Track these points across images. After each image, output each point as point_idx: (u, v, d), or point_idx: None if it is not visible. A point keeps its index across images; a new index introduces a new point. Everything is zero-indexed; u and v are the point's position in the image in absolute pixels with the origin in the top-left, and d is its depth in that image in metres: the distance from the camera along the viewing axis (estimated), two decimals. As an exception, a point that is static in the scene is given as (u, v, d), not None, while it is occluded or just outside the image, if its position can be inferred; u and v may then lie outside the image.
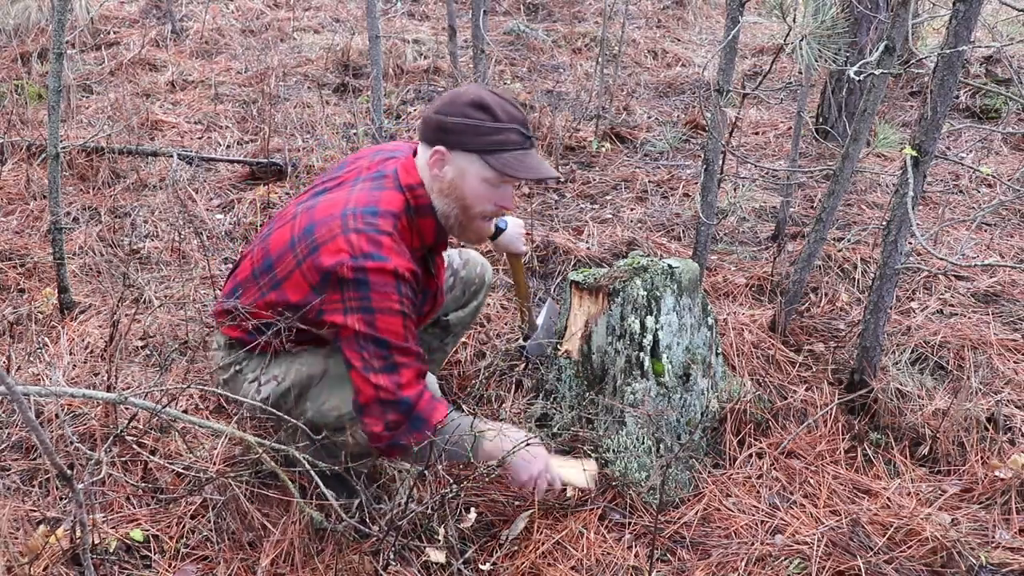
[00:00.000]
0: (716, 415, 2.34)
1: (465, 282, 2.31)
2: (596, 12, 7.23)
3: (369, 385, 1.74)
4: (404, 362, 1.75)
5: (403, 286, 1.75)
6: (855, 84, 4.51)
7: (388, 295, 1.73)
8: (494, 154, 1.78)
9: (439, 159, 1.81)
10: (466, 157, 1.79)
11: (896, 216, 2.29)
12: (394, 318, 1.74)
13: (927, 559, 1.94)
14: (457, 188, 1.82)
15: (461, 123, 1.77)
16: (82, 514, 1.37)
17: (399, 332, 1.75)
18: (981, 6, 2.06)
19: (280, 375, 1.93)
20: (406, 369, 1.75)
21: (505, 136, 1.78)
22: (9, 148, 3.94)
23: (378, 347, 1.73)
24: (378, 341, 1.73)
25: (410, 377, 1.76)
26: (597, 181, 4.16)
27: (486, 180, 1.80)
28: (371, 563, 1.85)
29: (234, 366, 1.99)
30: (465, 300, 2.32)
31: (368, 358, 1.73)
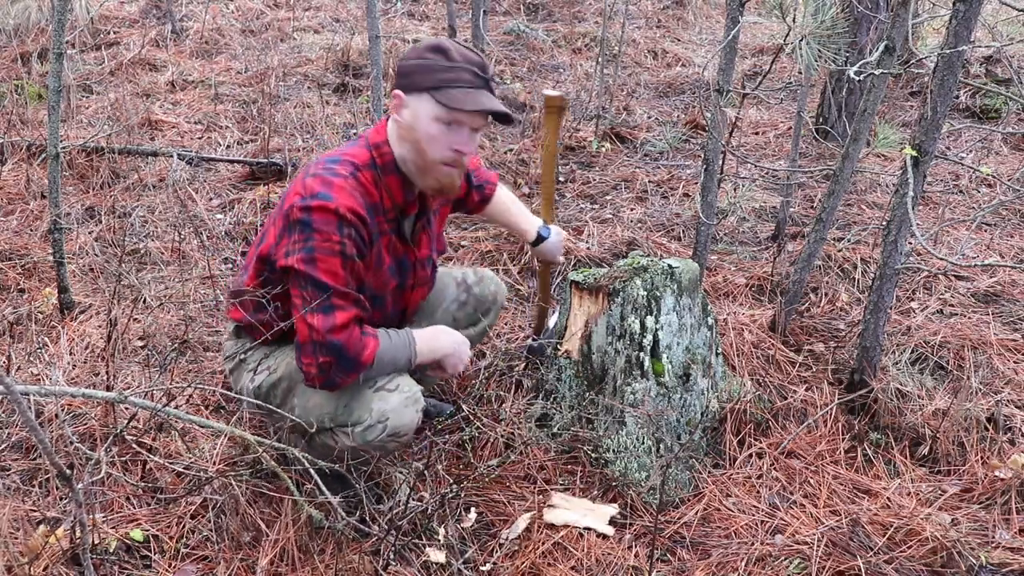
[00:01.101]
0: (716, 415, 2.34)
1: (478, 299, 2.31)
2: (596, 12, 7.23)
3: (305, 325, 1.78)
4: (340, 304, 1.78)
5: (346, 227, 1.76)
6: (855, 84, 4.51)
7: (329, 235, 1.75)
8: (442, 90, 1.78)
9: (398, 104, 1.83)
10: (418, 97, 1.80)
11: (896, 216, 2.29)
12: (334, 259, 1.76)
13: (927, 559, 1.94)
14: (412, 130, 1.83)
15: (415, 63, 1.79)
16: (82, 514, 1.37)
17: (338, 274, 1.77)
18: (981, 6, 2.06)
19: (274, 366, 1.96)
20: (341, 312, 1.78)
21: (456, 74, 1.78)
22: (9, 148, 3.94)
23: (316, 288, 1.76)
24: (316, 282, 1.76)
25: (344, 319, 1.78)
26: (597, 181, 4.16)
27: (438, 119, 1.80)
28: (371, 563, 1.85)
29: (238, 355, 2.02)
30: (475, 319, 2.32)
31: (307, 298, 1.78)
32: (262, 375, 1.97)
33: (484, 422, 2.36)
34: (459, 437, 2.35)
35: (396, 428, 1.84)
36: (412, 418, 1.87)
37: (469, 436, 2.34)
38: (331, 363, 1.78)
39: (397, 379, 1.89)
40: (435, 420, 2.42)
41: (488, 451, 2.29)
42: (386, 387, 1.88)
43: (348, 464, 1.80)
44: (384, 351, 1.85)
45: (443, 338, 2.00)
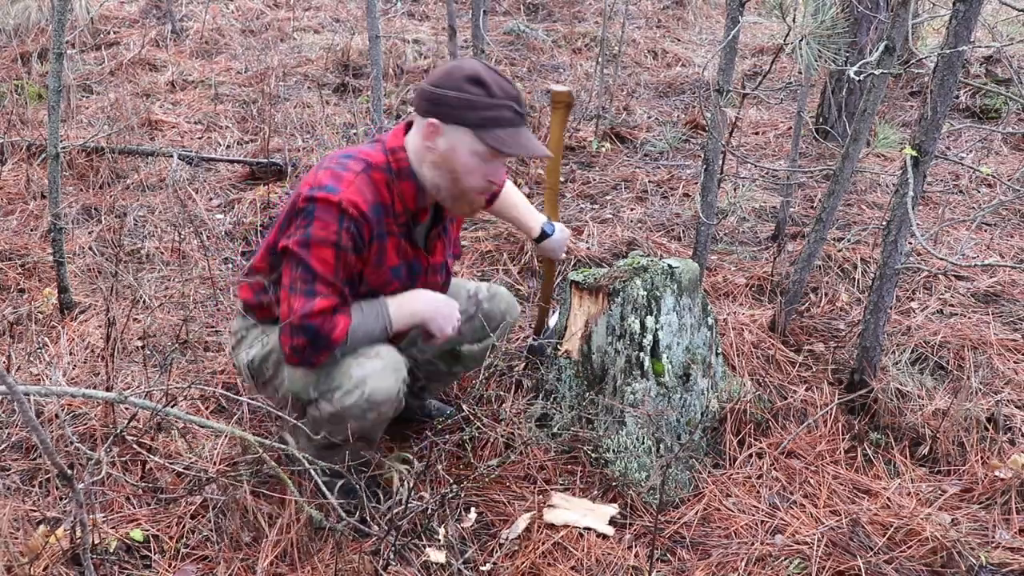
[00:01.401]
0: (716, 415, 2.34)
1: (487, 315, 2.28)
2: (596, 12, 7.23)
3: (287, 305, 1.83)
4: (323, 292, 1.82)
5: (346, 220, 1.79)
6: (855, 84, 4.51)
7: (327, 225, 1.78)
8: (487, 129, 1.80)
9: (432, 131, 1.83)
10: (459, 131, 1.81)
11: (896, 216, 2.29)
12: (327, 249, 1.80)
13: (927, 559, 1.94)
14: (449, 160, 1.84)
15: (456, 97, 1.79)
16: (82, 514, 1.37)
17: (328, 262, 1.80)
18: (981, 6, 2.06)
19: (267, 340, 1.99)
20: (323, 299, 1.81)
21: (499, 112, 1.80)
22: (9, 148, 3.94)
23: (305, 272, 1.81)
24: (306, 266, 1.80)
25: (323, 307, 1.82)
26: (597, 181, 4.16)
27: (477, 154, 1.83)
28: (371, 563, 1.85)
29: (241, 332, 2.06)
30: (483, 334, 2.29)
31: (294, 279, 1.82)
32: (255, 348, 2.00)
33: (484, 422, 2.36)
34: (459, 437, 2.35)
35: (373, 394, 1.85)
36: (391, 385, 1.87)
37: (469, 436, 2.33)
38: (304, 345, 1.83)
39: (379, 348, 1.92)
40: (436, 420, 2.43)
41: (488, 451, 2.29)
42: (366, 354, 1.90)
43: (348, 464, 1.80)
44: (357, 326, 1.88)
45: (420, 299, 1.98)
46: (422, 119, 1.85)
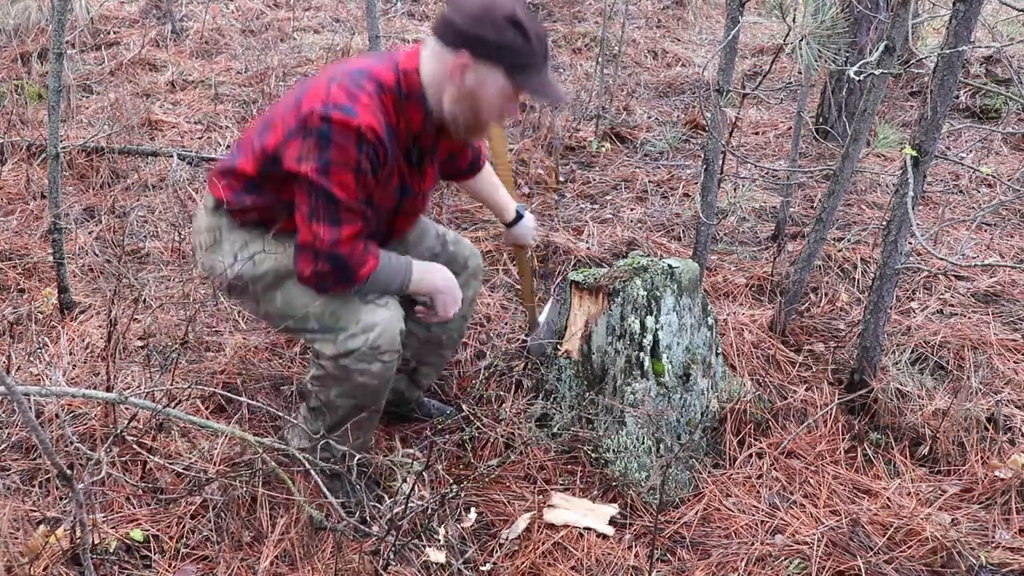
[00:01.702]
0: (716, 415, 2.34)
1: (452, 256, 2.30)
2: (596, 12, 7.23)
3: (309, 231, 1.82)
4: (348, 218, 1.82)
5: (365, 145, 1.78)
6: (855, 84, 4.51)
7: (346, 150, 1.76)
8: (521, 73, 1.81)
9: (463, 65, 1.81)
10: (491, 70, 1.81)
11: (896, 216, 2.29)
12: (348, 174, 1.78)
13: (927, 559, 1.94)
14: (474, 95, 1.84)
15: (496, 38, 1.78)
16: (82, 514, 1.37)
17: (351, 188, 1.80)
18: (981, 6, 2.06)
19: (258, 260, 1.96)
20: (348, 225, 1.82)
21: (533, 59, 1.81)
22: (9, 148, 3.94)
23: (327, 200, 1.79)
24: (328, 194, 1.79)
25: (350, 234, 1.83)
26: (597, 181, 4.16)
27: (504, 93, 1.84)
28: (371, 563, 1.85)
29: (216, 231, 2.00)
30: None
31: (314, 206, 1.80)
32: (242, 264, 1.96)
33: (484, 422, 2.36)
34: (459, 437, 2.35)
35: (378, 342, 1.88)
36: (394, 336, 1.92)
37: (469, 436, 2.34)
38: (329, 273, 1.85)
39: (387, 298, 1.94)
40: (436, 420, 2.43)
41: (488, 451, 2.29)
42: (376, 301, 1.92)
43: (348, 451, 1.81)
44: (381, 270, 1.91)
45: (438, 273, 2.04)
46: (445, 48, 1.82)
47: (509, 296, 3.11)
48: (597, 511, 2.08)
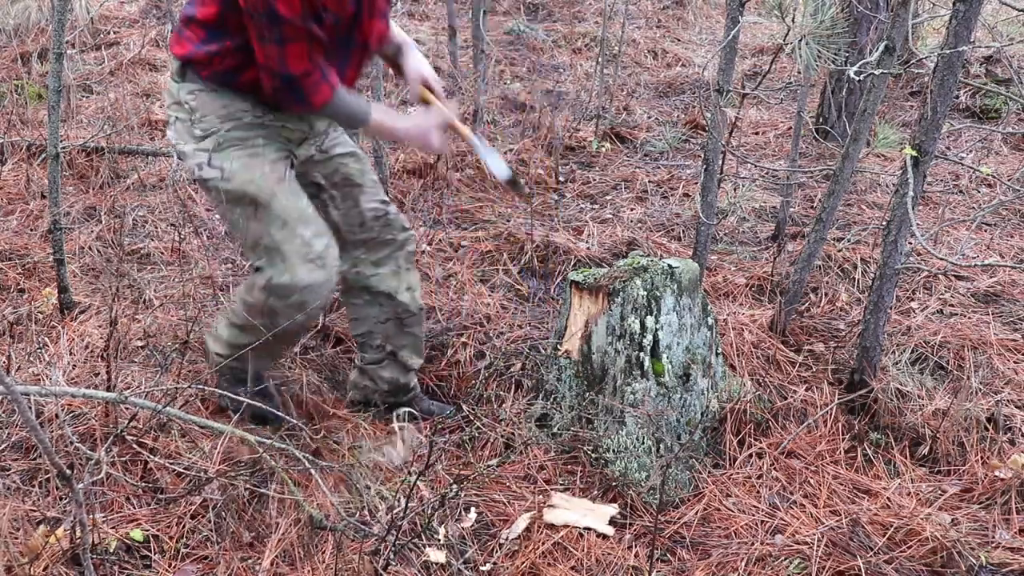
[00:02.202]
0: (716, 415, 2.34)
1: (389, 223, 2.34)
2: (596, 12, 7.23)
3: (261, 52, 1.89)
4: (291, 36, 1.86)
5: None
6: (855, 84, 4.51)
7: None
8: None
9: None
10: None
11: (896, 216, 2.29)
12: None
13: (927, 559, 1.94)
14: None
15: None
16: (82, 514, 1.37)
17: (296, 8, 1.83)
18: (981, 6, 2.06)
19: (228, 170, 2.02)
20: (292, 44, 1.87)
21: None
22: (9, 148, 3.94)
23: (269, 20, 1.84)
24: (270, 15, 1.83)
25: (297, 53, 1.89)
26: (597, 181, 4.16)
27: None
28: (371, 563, 1.85)
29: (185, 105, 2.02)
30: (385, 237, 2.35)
31: (259, 28, 1.86)
32: (212, 172, 2.02)
33: (484, 422, 2.36)
34: (459, 437, 2.35)
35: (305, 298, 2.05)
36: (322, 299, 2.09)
37: (469, 436, 2.34)
38: (284, 92, 1.94)
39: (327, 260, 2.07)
40: (436, 419, 2.43)
41: (488, 451, 2.29)
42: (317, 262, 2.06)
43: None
44: (337, 101, 2.00)
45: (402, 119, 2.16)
46: None
47: (509, 296, 3.11)
48: (597, 511, 2.07)
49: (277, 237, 2.03)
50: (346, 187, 2.28)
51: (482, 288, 3.11)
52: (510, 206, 3.79)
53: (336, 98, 2.00)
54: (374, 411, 2.43)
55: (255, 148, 2.03)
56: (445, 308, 2.93)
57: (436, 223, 3.56)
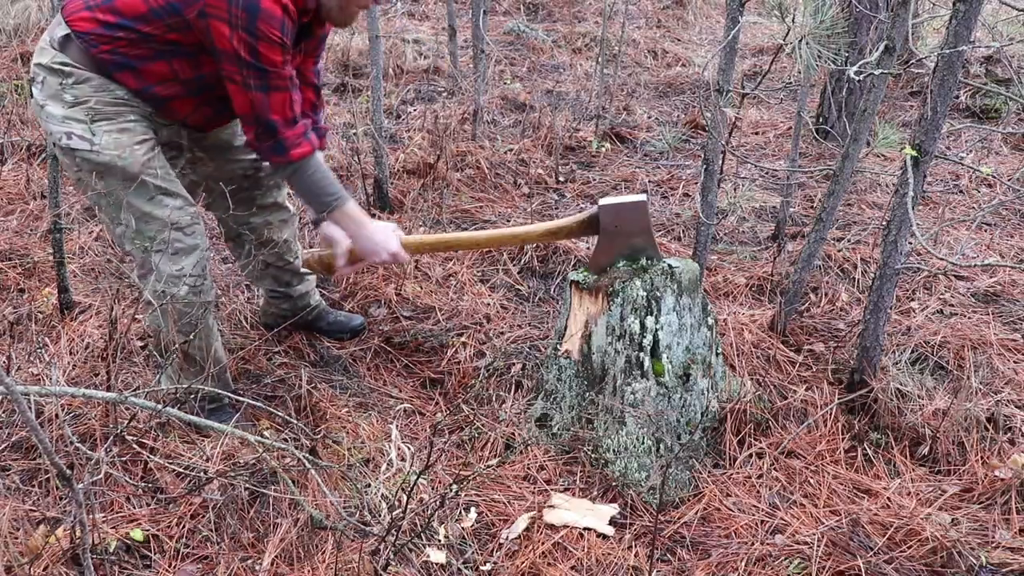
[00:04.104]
0: (716, 415, 2.34)
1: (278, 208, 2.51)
2: (596, 12, 7.23)
3: (246, 99, 1.97)
4: (278, 86, 1.96)
5: (288, 22, 1.92)
6: (855, 84, 4.50)
7: (271, 27, 1.89)
8: None
9: None
10: None
11: (896, 216, 2.29)
12: (274, 48, 1.92)
13: (927, 559, 1.94)
14: None
15: None
16: (82, 514, 1.37)
17: (276, 61, 1.93)
18: (981, 6, 2.06)
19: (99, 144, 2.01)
20: (278, 93, 1.97)
21: None
22: (9, 148, 3.94)
23: (256, 71, 1.93)
24: (257, 67, 1.92)
25: (280, 101, 1.98)
26: (597, 181, 4.16)
27: None
28: (371, 563, 1.85)
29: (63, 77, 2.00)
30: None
31: (246, 76, 1.94)
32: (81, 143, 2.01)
33: (484, 422, 2.36)
34: (459, 437, 2.35)
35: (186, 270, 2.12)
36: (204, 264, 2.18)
37: (469, 436, 2.34)
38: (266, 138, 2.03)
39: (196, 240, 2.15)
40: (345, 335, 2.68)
41: (488, 451, 2.29)
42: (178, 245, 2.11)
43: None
44: (316, 165, 2.09)
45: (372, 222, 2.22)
46: None
47: (509, 296, 3.11)
48: (597, 511, 2.08)
49: (144, 210, 2.06)
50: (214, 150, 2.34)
51: (482, 288, 3.11)
52: (510, 206, 3.79)
53: (315, 159, 2.08)
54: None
55: (126, 124, 2.03)
56: (445, 308, 2.93)
57: (436, 223, 3.56)
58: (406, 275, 3.10)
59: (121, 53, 1.97)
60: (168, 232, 2.08)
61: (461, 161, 4.07)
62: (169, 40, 1.96)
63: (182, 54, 1.99)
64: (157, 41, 1.96)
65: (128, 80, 2.01)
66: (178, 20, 1.92)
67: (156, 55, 1.98)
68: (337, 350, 2.74)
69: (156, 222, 2.08)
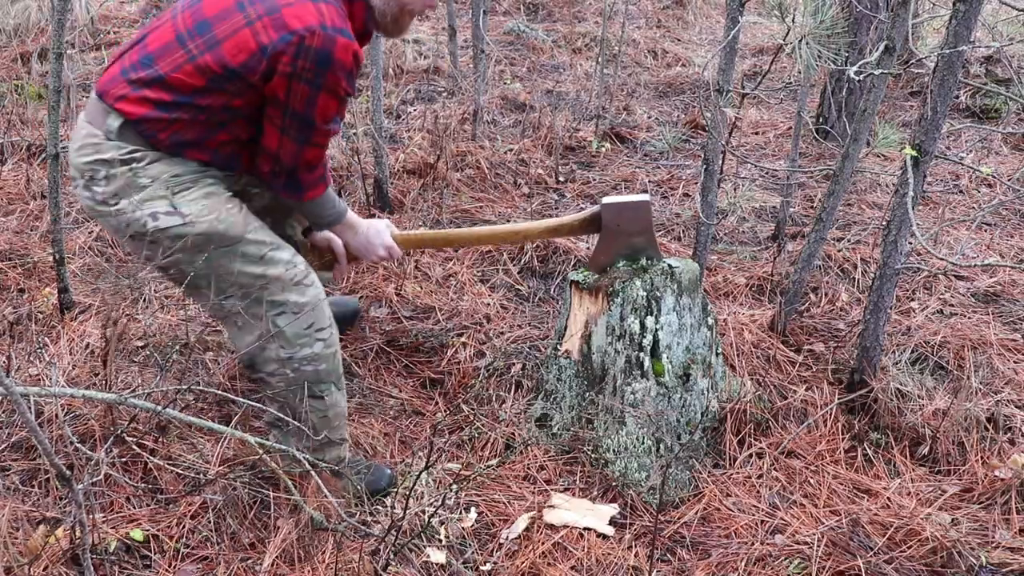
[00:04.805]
0: (716, 415, 2.34)
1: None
2: (596, 12, 7.23)
3: (276, 141, 1.84)
4: (318, 142, 1.87)
5: (355, 72, 1.81)
6: (855, 84, 4.50)
7: (339, 78, 1.77)
8: None
9: None
10: None
11: (896, 216, 2.29)
12: (333, 101, 1.81)
13: (927, 559, 1.94)
14: None
15: None
16: (82, 514, 1.37)
17: (330, 116, 1.83)
18: (981, 6, 2.06)
19: (189, 214, 1.83)
20: (315, 149, 1.88)
21: None
22: (9, 148, 3.94)
23: (304, 124, 1.81)
24: (307, 120, 1.80)
25: (314, 155, 1.89)
26: (597, 181, 4.16)
27: None
28: (371, 563, 1.85)
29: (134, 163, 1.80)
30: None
31: (288, 126, 1.81)
32: (171, 219, 1.82)
33: (484, 422, 2.36)
34: (459, 437, 2.35)
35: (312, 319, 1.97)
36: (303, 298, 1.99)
37: (469, 436, 2.34)
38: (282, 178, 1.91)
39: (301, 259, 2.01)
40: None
41: (488, 451, 2.29)
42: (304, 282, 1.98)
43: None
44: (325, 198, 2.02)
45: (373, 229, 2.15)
46: None
47: (509, 296, 3.11)
48: (597, 511, 2.08)
49: (257, 272, 1.90)
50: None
51: (482, 288, 3.11)
52: (510, 206, 3.79)
53: (325, 194, 2.01)
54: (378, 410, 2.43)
55: (208, 188, 1.88)
56: (445, 308, 2.93)
57: (436, 223, 3.56)
58: (406, 275, 3.09)
59: (182, 136, 1.81)
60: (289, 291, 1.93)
61: (461, 161, 4.07)
62: (230, 107, 1.81)
63: (241, 117, 1.84)
64: (216, 111, 1.80)
65: (196, 155, 1.86)
66: (240, 85, 1.77)
67: (215, 127, 1.83)
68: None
69: (275, 283, 1.91)
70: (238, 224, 1.88)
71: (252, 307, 1.91)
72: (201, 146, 1.85)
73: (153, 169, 1.82)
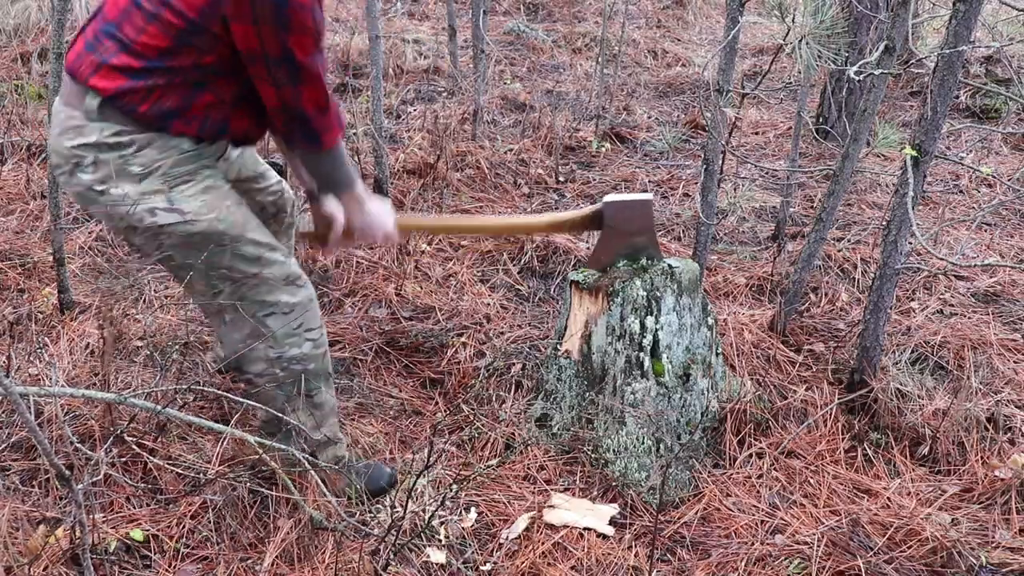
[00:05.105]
0: (716, 415, 2.34)
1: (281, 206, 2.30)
2: (596, 12, 7.23)
3: (274, 94, 1.77)
4: (312, 77, 1.78)
5: (318, 7, 1.74)
6: (855, 84, 4.50)
7: (303, 15, 1.69)
8: None
9: None
10: None
11: (896, 216, 2.29)
12: (307, 38, 1.73)
13: (927, 559, 1.94)
14: None
15: None
16: (82, 514, 1.37)
17: (309, 51, 1.75)
18: (981, 6, 2.06)
19: (189, 211, 1.79)
20: (310, 87, 1.79)
21: None
22: (9, 148, 3.94)
23: (289, 66, 1.74)
24: (290, 61, 1.73)
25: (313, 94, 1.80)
26: (597, 181, 4.16)
27: None
28: (371, 563, 1.85)
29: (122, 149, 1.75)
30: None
31: (274, 73, 1.74)
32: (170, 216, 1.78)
33: (484, 422, 2.36)
34: (459, 437, 2.35)
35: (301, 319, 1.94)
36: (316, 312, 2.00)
37: (469, 436, 2.34)
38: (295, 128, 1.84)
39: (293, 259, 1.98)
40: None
41: (488, 451, 2.29)
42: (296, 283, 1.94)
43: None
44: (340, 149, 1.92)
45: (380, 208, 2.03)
46: None
47: (509, 296, 3.11)
48: (597, 511, 2.08)
49: (252, 271, 1.88)
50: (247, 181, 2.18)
51: (482, 288, 3.11)
52: (510, 206, 3.79)
53: (340, 143, 1.91)
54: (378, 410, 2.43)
55: (206, 181, 1.84)
56: (445, 308, 2.93)
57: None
58: (406, 275, 3.10)
59: (162, 105, 1.74)
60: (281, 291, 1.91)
61: (461, 161, 4.07)
62: (201, 65, 1.74)
63: (218, 75, 1.78)
64: (188, 71, 1.74)
65: (184, 128, 1.78)
66: (207, 39, 1.71)
67: (195, 89, 1.77)
68: (337, 351, 2.74)
69: (267, 283, 1.90)
70: (238, 224, 1.86)
71: (243, 304, 1.90)
72: (186, 115, 1.78)
73: (144, 156, 1.76)
